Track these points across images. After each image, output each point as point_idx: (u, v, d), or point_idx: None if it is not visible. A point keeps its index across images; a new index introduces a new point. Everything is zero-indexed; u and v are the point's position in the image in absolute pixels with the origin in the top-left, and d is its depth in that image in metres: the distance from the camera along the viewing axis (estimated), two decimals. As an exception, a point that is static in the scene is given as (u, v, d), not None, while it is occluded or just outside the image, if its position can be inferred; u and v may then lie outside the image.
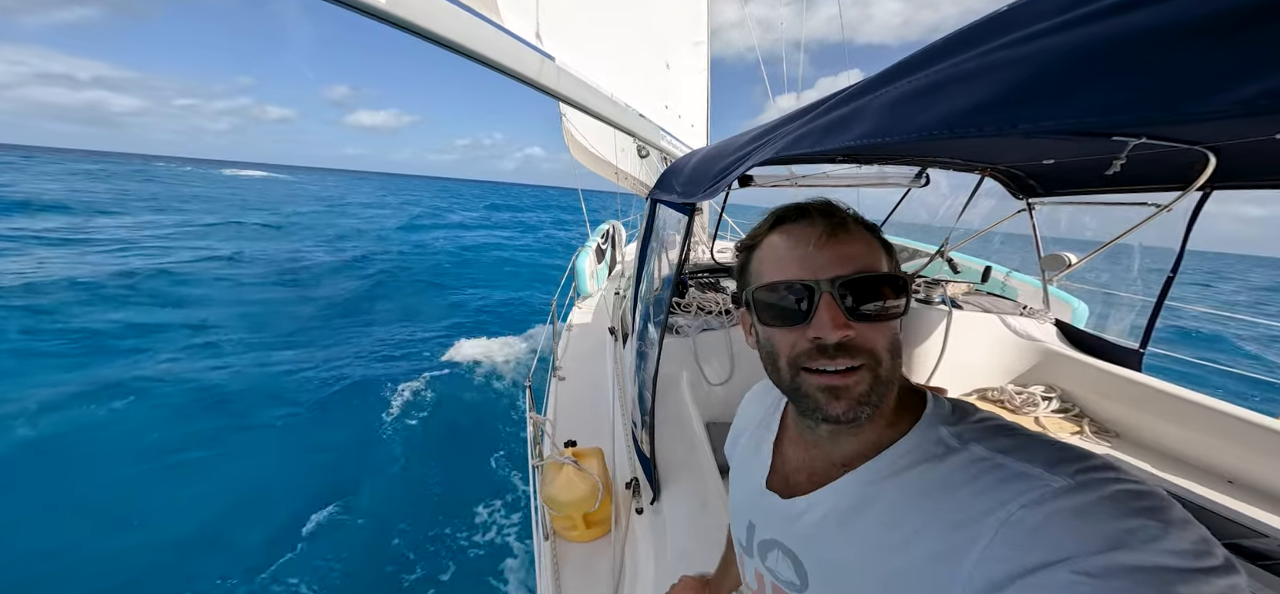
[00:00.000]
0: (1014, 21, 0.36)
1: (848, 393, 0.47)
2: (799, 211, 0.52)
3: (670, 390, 2.27)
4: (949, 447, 0.46)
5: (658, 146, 3.39)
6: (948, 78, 0.40)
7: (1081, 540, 0.35)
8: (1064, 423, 2.51)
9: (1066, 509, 0.37)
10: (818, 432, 0.53)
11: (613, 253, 5.85)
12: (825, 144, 0.57)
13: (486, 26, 1.12)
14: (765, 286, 0.51)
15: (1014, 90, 0.34)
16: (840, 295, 0.47)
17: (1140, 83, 0.27)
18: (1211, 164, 1.75)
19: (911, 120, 0.43)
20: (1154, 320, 2.43)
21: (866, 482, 0.49)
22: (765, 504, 0.60)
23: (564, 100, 1.87)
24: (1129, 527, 0.35)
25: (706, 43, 4.99)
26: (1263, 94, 0.22)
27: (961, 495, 0.42)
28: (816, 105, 0.63)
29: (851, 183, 3.07)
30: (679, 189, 1.42)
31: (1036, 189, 2.61)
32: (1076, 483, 0.38)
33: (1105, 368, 2.53)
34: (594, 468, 1.69)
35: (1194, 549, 0.33)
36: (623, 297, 3.36)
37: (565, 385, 2.90)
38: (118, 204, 26.38)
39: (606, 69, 2.60)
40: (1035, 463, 0.41)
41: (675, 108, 4.21)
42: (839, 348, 0.46)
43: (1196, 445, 2.18)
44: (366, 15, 0.87)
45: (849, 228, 0.50)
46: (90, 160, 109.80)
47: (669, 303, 1.70)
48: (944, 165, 2.58)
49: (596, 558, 1.63)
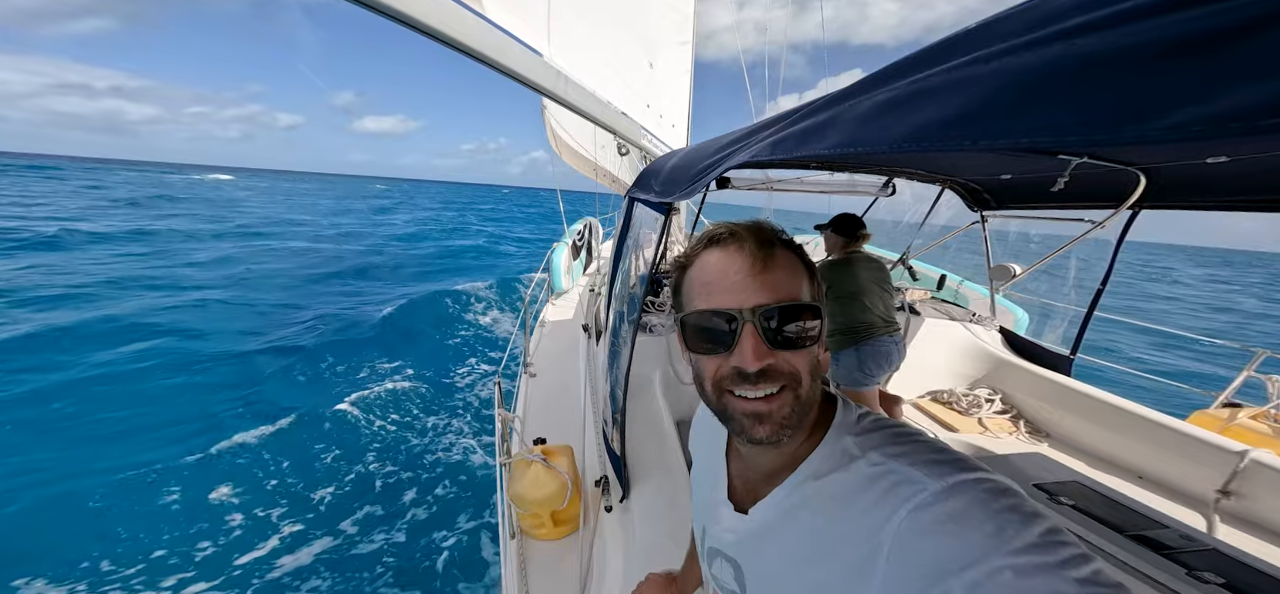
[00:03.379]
0: (978, 41, 0.38)
1: (771, 418, 0.49)
2: (730, 234, 0.52)
3: (643, 388, 2.28)
4: (852, 455, 0.49)
5: (638, 145, 3.38)
6: (915, 92, 0.42)
7: (957, 551, 0.39)
8: (1004, 423, 2.67)
9: (944, 515, 0.41)
10: (749, 448, 0.55)
11: (589, 250, 5.82)
12: (799, 151, 0.58)
13: (471, 17, 1.10)
14: (694, 313, 0.52)
15: (975, 107, 0.36)
16: (762, 324, 0.48)
17: (1086, 104, 0.29)
18: (1141, 184, 1.89)
19: (881, 132, 0.45)
20: (1083, 329, 2.62)
21: (787, 494, 0.52)
22: (716, 513, 0.62)
23: (548, 94, 1.85)
24: (994, 529, 0.38)
25: (691, 44, 5.02)
26: (1192, 120, 0.24)
27: (864, 504, 0.45)
28: (793, 112, 0.65)
29: (824, 190, 3.16)
30: (657, 188, 1.42)
31: (990, 202, 2.77)
32: (950, 486, 0.42)
33: (1039, 372, 2.72)
34: (563, 465, 1.67)
35: (1043, 541, 0.37)
36: (597, 294, 3.35)
37: (536, 382, 2.87)
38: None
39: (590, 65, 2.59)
40: (917, 467, 0.45)
41: (656, 107, 4.22)
42: (760, 375, 0.48)
43: (1113, 444, 2.38)
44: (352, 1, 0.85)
45: (775, 254, 0.51)
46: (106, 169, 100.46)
47: (643, 301, 1.71)
48: (909, 176, 2.69)
49: (564, 556, 1.63)
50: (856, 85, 0.52)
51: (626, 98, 3.32)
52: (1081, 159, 1.71)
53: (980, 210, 2.84)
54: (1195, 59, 0.24)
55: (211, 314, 8.79)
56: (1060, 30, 0.31)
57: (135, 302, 8.97)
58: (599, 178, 6.22)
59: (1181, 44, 0.25)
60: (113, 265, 12.18)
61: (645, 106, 3.95)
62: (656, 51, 4.30)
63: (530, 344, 3.23)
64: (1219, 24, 0.23)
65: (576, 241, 5.69)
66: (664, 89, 4.44)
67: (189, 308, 8.97)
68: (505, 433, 1.92)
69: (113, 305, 8.58)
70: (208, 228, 21.31)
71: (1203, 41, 0.24)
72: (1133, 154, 1.72)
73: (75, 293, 9.21)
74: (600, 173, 6.12)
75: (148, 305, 8.74)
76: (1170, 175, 1.85)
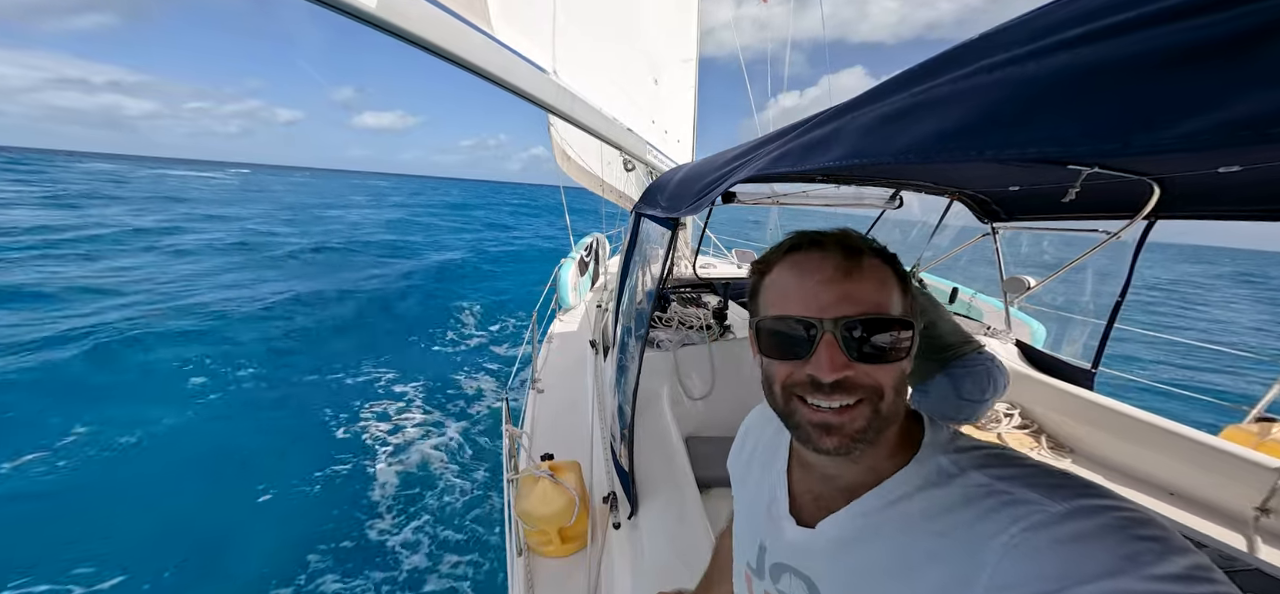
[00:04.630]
0: (985, 49, 0.37)
1: (841, 430, 0.47)
2: (814, 241, 0.51)
3: (651, 404, 2.26)
4: (949, 474, 0.46)
5: (644, 160, 3.41)
6: (921, 102, 0.42)
7: (1084, 565, 0.35)
8: (1024, 439, 2.60)
9: (1067, 535, 0.37)
10: (819, 458, 0.52)
11: (595, 266, 5.85)
12: (804, 164, 0.58)
13: (478, 36, 1.12)
14: (770, 318, 0.51)
15: (981, 117, 0.35)
16: (843, 337, 0.46)
17: (1093, 114, 0.28)
18: (1155, 194, 1.85)
19: (887, 143, 0.44)
20: (1104, 341, 2.55)
21: (872, 510, 0.49)
22: (779, 528, 0.59)
23: (554, 112, 1.87)
24: (1129, 553, 0.35)
25: (695, 60, 5.08)
26: (1203, 129, 0.24)
27: (965, 520, 0.42)
28: (797, 125, 0.65)
29: (830, 203, 3.16)
30: (663, 204, 1.43)
31: (1000, 214, 2.73)
32: (1076, 508, 0.39)
33: (1061, 387, 2.65)
34: (571, 482, 1.66)
35: (1188, 574, 0.33)
36: (604, 309, 3.35)
37: (544, 398, 2.86)
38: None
39: (596, 83, 2.62)
40: (1034, 490, 0.41)
41: (661, 123, 4.26)
42: (836, 386, 0.46)
43: (1141, 460, 2.30)
44: (355, 19, 0.87)
45: (862, 264, 0.48)
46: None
47: (650, 316, 1.70)
48: (917, 188, 2.68)
49: (572, 573, 1.60)
50: (861, 97, 0.52)
51: (632, 114, 3.35)
52: (1092, 169, 1.69)
53: (990, 222, 2.81)
54: (1204, 67, 0.24)
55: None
56: (1063, 40, 0.31)
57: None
58: (606, 194, 6.27)
59: (1189, 51, 0.25)
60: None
61: (650, 122, 3.99)
62: (661, 69, 4.35)
63: (537, 360, 3.23)
64: (1227, 31, 0.23)
65: (583, 257, 5.73)
66: (669, 105, 4.49)
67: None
68: (512, 449, 1.91)
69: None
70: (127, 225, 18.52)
71: (1211, 49, 0.24)
72: (1145, 164, 1.70)
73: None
74: (607, 189, 6.17)
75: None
76: (1185, 184, 1.82)
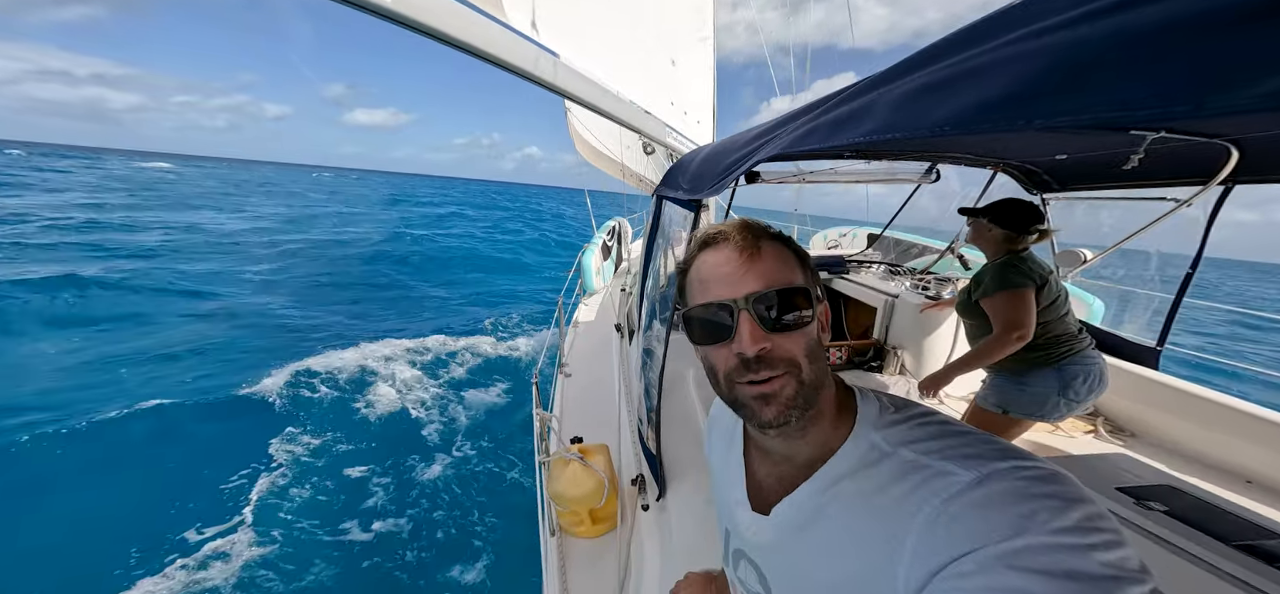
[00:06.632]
0: (1029, 15, 0.35)
1: (775, 398, 0.51)
2: (719, 233, 0.57)
3: (676, 387, 2.27)
4: (883, 452, 0.49)
5: (663, 143, 3.37)
6: (961, 72, 0.40)
7: (990, 529, 0.38)
8: (1077, 422, 2.47)
9: (976, 501, 0.40)
10: (768, 439, 0.57)
11: (619, 249, 5.85)
12: (834, 140, 0.56)
13: (489, 23, 1.12)
14: (696, 308, 0.56)
15: (1029, 85, 0.33)
16: (755, 310, 0.51)
17: (1160, 76, 0.26)
18: (1233, 158, 1.69)
19: (923, 116, 0.43)
20: (1171, 318, 2.38)
21: (816, 492, 0.53)
22: (738, 514, 0.62)
23: (569, 97, 1.86)
24: (1029, 511, 0.37)
25: (712, 39, 4.97)
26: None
27: (895, 498, 0.45)
28: (825, 100, 0.62)
29: (860, 179, 3.04)
30: (685, 186, 1.41)
31: (1051, 184, 2.55)
32: (986, 474, 0.41)
33: (1121, 366, 2.48)
34: (600, 464, 1.69)
35: (1081, 525, 0.36)
36: (629, 293, 3.36)
37: (571, 382, 2.91)
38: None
39: (612, 65, 2.59)
40: (950, 461, 0.44)
41: (681, 104, 4.19)
42: (759, 360, 0.51)
43: (1214, 444, 2.14)
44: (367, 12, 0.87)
45: (762, 247, 0.54)
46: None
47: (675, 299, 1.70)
48: (955, 160, 2.55)
49: (603, 554, 1.64)
50: (895, 68, 0.50)
51: (650, 95, 3.31)
52: (1158, 134, 1.56)
53: (1040, 193, 2.63)
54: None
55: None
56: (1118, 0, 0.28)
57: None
58: (626, 178, 6.24)
59: (1272, 3, 0.22)
60: None
61: (670, 103, 3.93)
62: (678, 49, 4.27)
63: (564, 345, 3.28)
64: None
65: (606, 242, 5.74)
66: (687, 85, 4.41)
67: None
68: (543, 432, 1.94)
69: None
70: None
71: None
72: (1220, 124, 1.57)
73: None
74: (627, 173, 6.13)
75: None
76: (1267, 145, 1.64)
